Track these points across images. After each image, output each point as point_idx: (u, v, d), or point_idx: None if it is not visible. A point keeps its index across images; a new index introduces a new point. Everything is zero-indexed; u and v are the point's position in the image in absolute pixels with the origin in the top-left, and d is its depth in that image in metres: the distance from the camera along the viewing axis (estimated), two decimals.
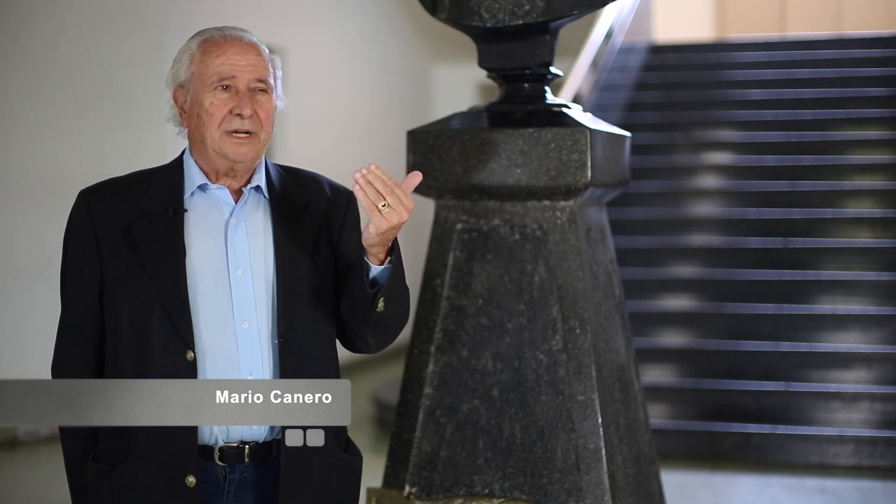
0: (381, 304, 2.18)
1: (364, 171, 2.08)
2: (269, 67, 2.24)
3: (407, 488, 3.26)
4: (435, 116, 8.74)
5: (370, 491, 3.31)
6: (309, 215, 2.28)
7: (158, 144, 7.02)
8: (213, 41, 2.21)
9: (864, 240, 7.53)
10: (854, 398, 6.32)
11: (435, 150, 3.28)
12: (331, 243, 2.29)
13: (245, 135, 2.19)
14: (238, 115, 2.17)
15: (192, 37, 2.26)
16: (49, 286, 6.70)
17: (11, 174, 6.64)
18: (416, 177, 2.14)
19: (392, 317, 2.24)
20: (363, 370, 8.98)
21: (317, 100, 9.12)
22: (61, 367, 2.24)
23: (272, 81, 2.23)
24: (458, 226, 3.31)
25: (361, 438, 7.21)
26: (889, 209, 7.74)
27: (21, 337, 6.67)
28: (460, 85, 10.93)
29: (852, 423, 6.25)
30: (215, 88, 2.18)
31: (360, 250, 2.18)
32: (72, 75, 6.86)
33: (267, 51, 2.26)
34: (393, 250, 2.19)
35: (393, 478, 3.29)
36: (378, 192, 2.08)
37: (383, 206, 2.08)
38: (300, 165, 2.44)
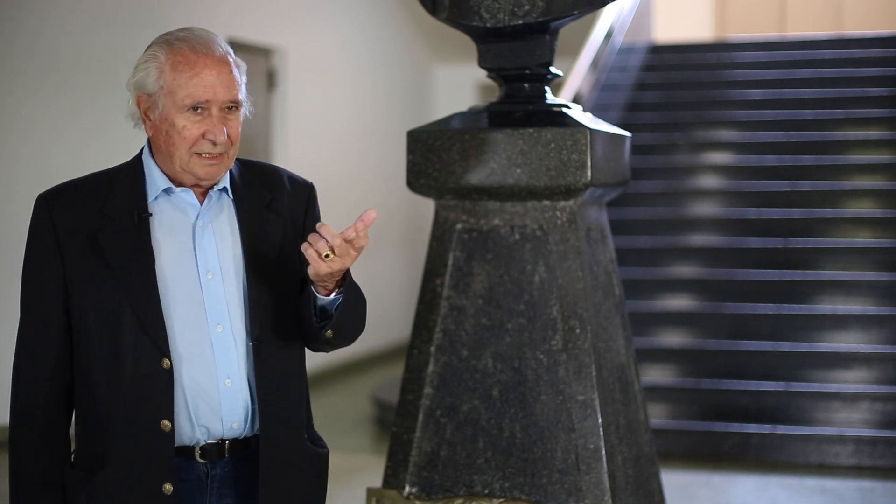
0: (329, 334, 2.20)
1: (318, 225, 2.09)
2: (239, 80, 2.18)
3: (407, 488, 3.26)
4: (435, 116, 8.74)
5: (370, 491, 3.31)
6: (273, 213, 2.26)
7: None
8: (182, 55, 2.14)
9: (864, 240, 7.53)
10: (854, 398, 6.32)
11: (435, 150, 3.28)
12: (295, 240, 2.27)
13: (215, 156, 2.16)
14: (210, 140, 2.14)
15: (157, 42, 2.18)
16: None
17: (7, 175, 6.64)
18: (372, 214, 2.12)
19: (341, 339, 2.25)
20: (363, 370, 8.99)
21: (317, 100, 9.12)
22: (23, 383, 2.19)
23: (241, 96, 2.19)
24: (458, 226, 3.31)
25: (361, 438, 7.23)
26: (889, 209, 7.74)
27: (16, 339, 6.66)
28: (460, 85, 10.93)
29: (852, 423, 6.25)
30: (188, 110, 2.13)
31: (307, 281, 2.17)
32: (72, 76, 6.86)
33: (233, 57, 2.19)
34: (344, 282, 2.18)
35: (393, 478, 3.29)
36: (328, 243, 2.08)
37: (327, 256, 2.08)
38: (301, 167, 2.44)
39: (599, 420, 3.13)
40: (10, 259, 6.59)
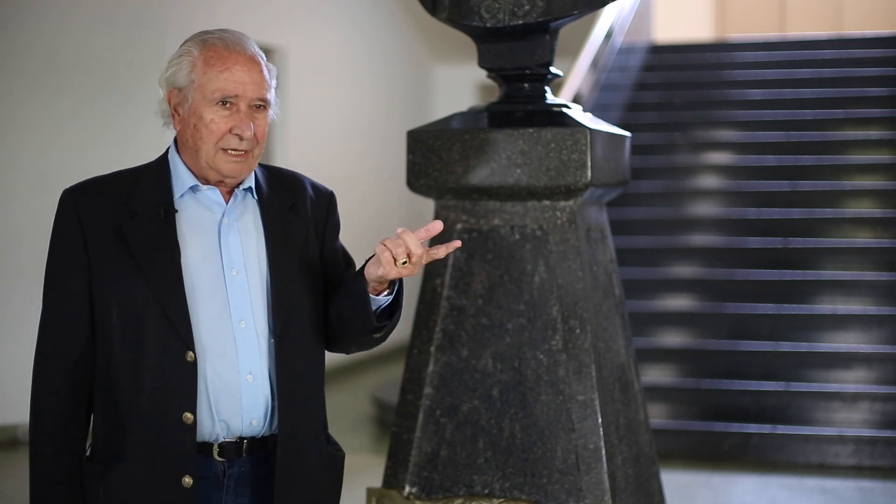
0: (381, 333, 2.26)
1: (400, 231, 2.14)
2: (269, 81, 2.23)
3: (407, 488, 3.26)
4: (435, 116, 8.74)
5: (370, 491, 3.30)
6: (296, 216, 2.29)
7: (155, 145, 7.01)
8: (215, 51, 2.19)
9: (864, 240, 7.53)
10: (854, 398, 6.32)
11: (435, 150, 3.28)
12: (317, 244, 2.32)
13: (241, 153, 2.19)
14: (237, 135, 2.17)
15: (192, 39, 2.23)
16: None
17: (6, 175, 6.64)
18: (438, 225, 2.20)
19: (383, 338, 2.32)
20: (363, 370, 8.99)
21: (317, 100, 9.11)
22: (43, 380, 2.21)
23: (270, 96, 2.23)
24: (458, 226, 3.31)
25: (361, 438, 7.23)
26: (889, 209, 7.74)
27: (20, 338, 6.67)
28: (460, 85, 10.93)
29: (852, 423, 6.25)
30: (216, 104, 2.17)
31: (361, 281, 2.21)
32: (72, 76, 6.86)
33: (265, 59, 2.24)
34: (393, 283, 2.24)
35: (393, 478, 3.29)
36: (407, 249, 2.13)
37: (403, 263, 2.14)
38: (301, 167, 2.46)
39: (599, 420, 3.13)
40: (9, 259, 6.59)
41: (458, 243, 2.22)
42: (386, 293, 2.24)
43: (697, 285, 7.34)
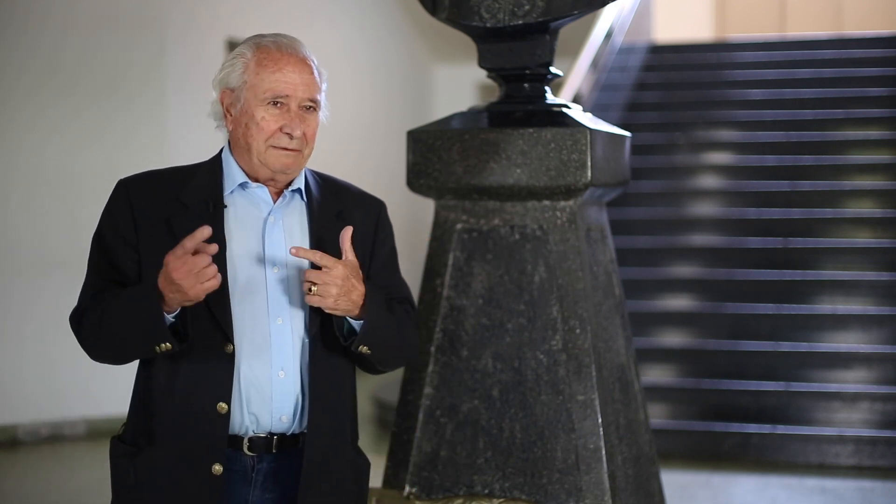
0: (364, 349, 2.26)
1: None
2: (319, 84, 2.28)
3: (407, 488, 3.26)
4: (435, 116, 8.73)
5: (370, 491, 3.30)
6: (342, 223, 2.32)
7: (156, 145, 7.02)
8: (268, 52, 2.24)
9: (864, 240, 7.53)
10: (854, 398, 6.32)
11: (435, 150, 3.28)
12: (363, 252, 2.34)
13: (291, 150, 2.24)
14: (287, 133, 2.22)
15: (246, 42, 2.28)
16: (50, 286, 6.72)
17: (5, 175, 6.64)
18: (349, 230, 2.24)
19: (385, 355, 2.32)
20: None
21: None
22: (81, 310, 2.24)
23: (320, 98, 2.29)
24: (458, 226, 3.31)
25: (361, 438, 7.22)
26: (889, 209, 7.74)
27: (20, 338, 6.67)
28: (460, 85, 10.92)
29: (852, 423, 6.25)
30: (268, 104, 2.22)
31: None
32: (73, 77, 6.86)
33: (316, 63, 2.30)
34: (365, 305, 2.25)
35: (393, 478, 3.29)
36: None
37: (310, 290, 2.18)
38: None
39: (599, 420, 3.13)
40: (8, 259, 6.59)
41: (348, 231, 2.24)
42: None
43: (697, 285, 7.34)
